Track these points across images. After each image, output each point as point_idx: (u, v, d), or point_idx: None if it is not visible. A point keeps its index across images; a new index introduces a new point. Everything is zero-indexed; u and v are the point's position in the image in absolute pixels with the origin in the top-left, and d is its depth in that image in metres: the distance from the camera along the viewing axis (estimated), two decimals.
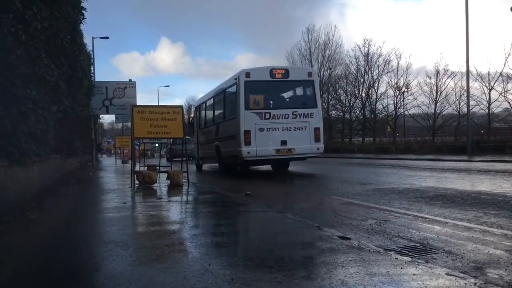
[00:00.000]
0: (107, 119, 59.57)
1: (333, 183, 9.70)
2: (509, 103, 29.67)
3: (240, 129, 12.22)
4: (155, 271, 2.91)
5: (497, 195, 6.70)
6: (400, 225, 4.75)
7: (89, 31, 39.38)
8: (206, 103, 17.22)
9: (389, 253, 3.35)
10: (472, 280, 2.65)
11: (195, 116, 19.52)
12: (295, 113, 12.43)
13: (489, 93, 30.24)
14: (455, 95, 34.43)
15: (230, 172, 14.19)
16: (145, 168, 10.89)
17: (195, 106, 20.63)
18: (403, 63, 50.47)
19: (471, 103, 25.70)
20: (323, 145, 13.05)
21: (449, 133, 35.18)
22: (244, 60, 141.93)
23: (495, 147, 22.58)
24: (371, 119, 43.20)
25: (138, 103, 21.93)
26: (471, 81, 24.84)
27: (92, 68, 22.91)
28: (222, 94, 14.63)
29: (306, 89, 13.19)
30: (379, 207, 6.05)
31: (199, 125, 18.07)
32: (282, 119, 12.30)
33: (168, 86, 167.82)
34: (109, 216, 5.48)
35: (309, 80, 13.04)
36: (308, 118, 12.56)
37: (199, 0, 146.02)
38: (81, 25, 12.95)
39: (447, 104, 35.64)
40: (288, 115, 12.37)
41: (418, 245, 3.85)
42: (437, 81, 36.03)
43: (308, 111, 12.61)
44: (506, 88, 29.28)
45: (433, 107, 37.09)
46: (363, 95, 43.91)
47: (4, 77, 5.01)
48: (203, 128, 17.28)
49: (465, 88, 25.07)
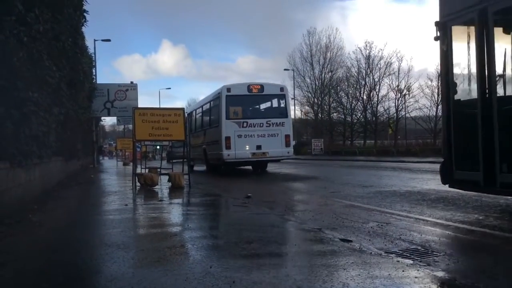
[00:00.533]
0: (108, 121, 59.68)
1: (334, 186, 9.69)
2: None
3: (221, 135, 14.22)
4: (156, 274, 2.91)
5: (498, 198, 6.69)
6: (401, 228, 4.75)
7: (90, 33, 39.57)
8: (196, 111, 19.53)
9: (391, 255, 3.35)
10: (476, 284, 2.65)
11: (187, 122, 20.54)
12: (268, 122, 14.51)
13: None
14: None
15: (215, 171, 15.85)
16: (146, 170, 10.90)
17: (187, 113, 21.51)
18: (404, 65, 50.42)
19: None
20: (293, 149, 15.47)
21: None
22: (245, 62, 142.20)
23: None
24: (372, 121, 43.22)
25: (139, 106, 21.91)
26: None
27: (93, 70, 23.02)
28: (208, 104, 16.82)
29: (278, 102, 15.27)
30: (380, 210, 6.04)
31: (190, 130, 19.34)
32: (257, 127, 14.38)
33: (169, 88, 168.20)
34: (110, 218, 5.48)
35: (281, 94, 15.17)
36: (280, 126, 14.61)
37: (200, 2, 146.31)
38: (83, 27, 13.01)
39: None
40: (262, 124, 14.45)
41: (419, 247, 3.84)
42: (439, 84, 36.06)
43: (280, 120, 14.70)
44: None
45: (435, 109, 37.14)
46: (365, 97, 43.97)
47: (6, 79, 5.01)
48: (194, 133, 19.17)
49: None
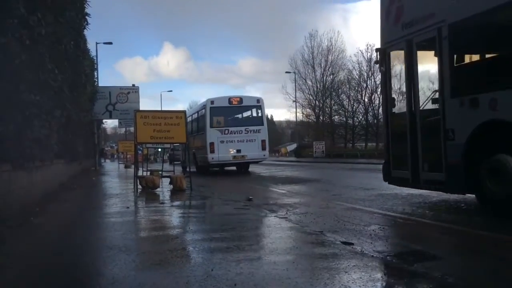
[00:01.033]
0: (110, 124, 59.56)
1: (336, 188, 9.67)
2: None
3: (207, 141, 16.52)
4: (158, 276, 2.91)
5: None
6: (403, 231, 4.74)
7: (92, 36, 39.75)
8: (187, 119, 21.15)
9: (392, 258, 3.34)
10: None
11: None
12: (247, 130, 16.78)
13: None
14: None
15: (203, 172, 17.72)
16: (148, 173, 10.90)
17: None
18: None
19: None
20: (268, 152, 17.91)
21: None
22: (247, 64, 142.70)
23: None
24: (374, 124, 43.16)
25: (141, 108, 21.95)
26: None
27: (95, 73, 23.02)
28: (196, 114, 19.07)
29: (255, 112, 17.58)
30: (382, 212, 6.03)
31: None
32: (237, 134, 16.67)
33: (171, 91, 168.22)
34: (112, 221, 5.48)
35: (258, 105, 17.45)
36: (257, 133, 16.87)
37: (202, 5, 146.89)
38: (85, 30, 13.07)
39: None
40: (242, 131, 16.72)
41: (421, 250, 3.82)
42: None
43: (256, 128, 16.97)
44: None
45: None
46: (366, 100, 43.95)
47: (8, 82, 5.03)
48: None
49: None
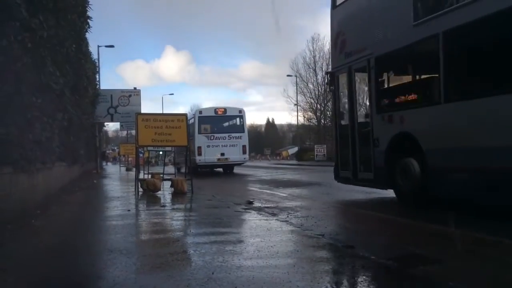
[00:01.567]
0: (111, 126, 59.70)
1: (337, 192, 9.65)
2: None
3: (195, 145, 18.72)
4: (158, 279, 2.90)
5: None
6: (401, 235, 4.72)
7: (94, 39, 39.83)
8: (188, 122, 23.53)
9: (394, 262, 3.32)
10: None
11: None
12: (230, 136, 19.41)
13: None
14: None
15: (194, 172, 19.28)
16: (149, 176, 10.90)
17: None
18: None
19: None
20: (248, 156, 20.68)
21: None
22: (248, 68, 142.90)
23: None
24: None
25: (142, 111, 21.99)
26: None
27: (97, 76, 23.11)
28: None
29: (238, 121, 20.16)
30: (384, 216, 6.02)
31: None
32: (221, 139, 19.20)
33: (172, 94, 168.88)
34: (113, 223, 5.48)
35: (240, 115, 20.15)
36: (238, 139, 19.46)
37: (204, 8, 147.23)
38: (87, 33, 13.10)
39: None
40: (225, 137, 19.33)
41: (422, 253, 3.81)
42: None
43: (238, 134, 19.61)
44: None
45: None
46: None
47: (10, 84, 5.04)
48: None
49: None
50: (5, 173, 5.10)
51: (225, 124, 20.37)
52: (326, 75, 8.94)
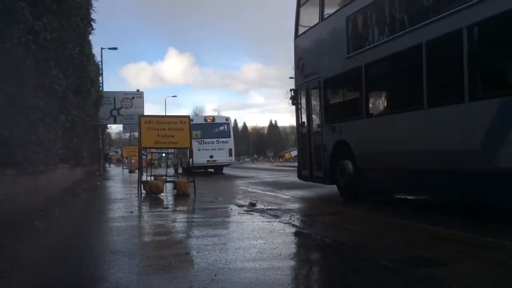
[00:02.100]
0: (114, 129, 59.74)
1: (339, 194, 9.61)
2: None
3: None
4: (161, 281, 2.89)
5: None
6: (410, 236, 4.71)
7: (97, 41, 39.96)
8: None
9: (402, 265, 3.30)
10: None
11: None
12: (218, 141, 22.10)
13: None
14: None
15: (188, 173, 18.92)
16: (152, 178, 10.90)
17: None
18: None
19: None
20: (234, 158, 23.32)
21: None
22: (251, 70, 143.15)
23: None
24: None
25: (145, 113, 22.05)
26: None
27: (100, 78, 23.11)
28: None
29: (225, 127, 23.00)
30: (390, 219, 5.99)
31: None
32: (210, 144, 21.90)
33: (175, 96, 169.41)
34: (115, 225, 5.48)
35: (226, 122, 23.38)
36: (225, 143, 22.16)
37: (207, 10, 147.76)
38: (90, 36, 13.10)
39: None
40: (214, 141, 22.01)
41: (428, 257, 3.79)
42: None
43: (225, 139, 22.27)
44: None
45: None
46: None
47: (13, 87, 5.06)
48: None
49: None
50: (8, 175, 5.11)
51: (213, 130, 22.91)
52: (290, 91, 10.78)
